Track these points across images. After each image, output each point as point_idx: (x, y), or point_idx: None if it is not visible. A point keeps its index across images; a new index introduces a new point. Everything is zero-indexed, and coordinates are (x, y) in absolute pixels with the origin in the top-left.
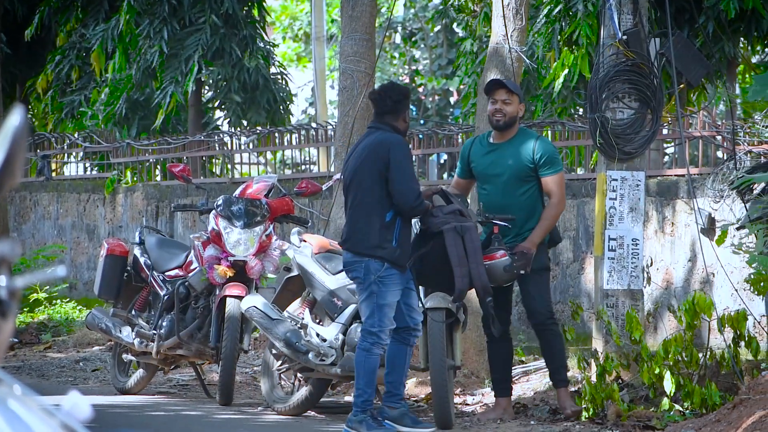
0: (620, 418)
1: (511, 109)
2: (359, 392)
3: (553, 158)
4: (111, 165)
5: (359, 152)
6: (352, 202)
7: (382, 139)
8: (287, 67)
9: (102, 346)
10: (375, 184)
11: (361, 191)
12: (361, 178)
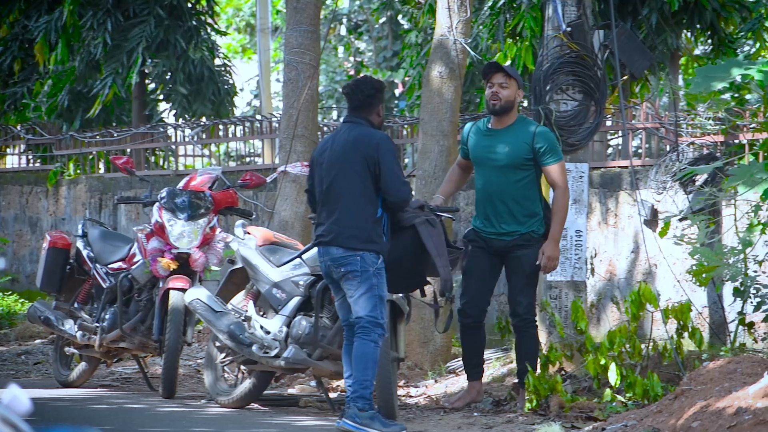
0: (563, 409)
1: (507, 93)
2: (367, 384)
3: (554, 147)
4: (54, 157)
5: (340, 147)
6: (337, 197)
7: (367, 135)
8: (232, 58)
9: (44, 339)
10: (363, 181)
11: (348, 187)
12: (347, 174)
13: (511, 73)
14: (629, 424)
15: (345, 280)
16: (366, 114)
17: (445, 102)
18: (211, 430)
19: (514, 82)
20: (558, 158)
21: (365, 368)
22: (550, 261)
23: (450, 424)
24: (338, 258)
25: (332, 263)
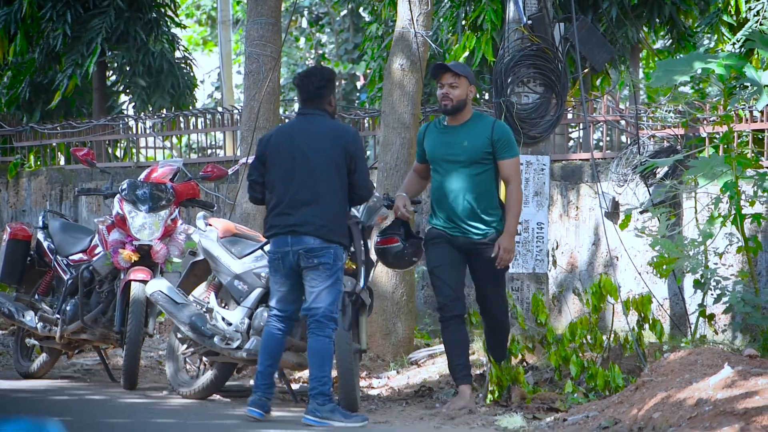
0: (525, 400)
1: (458, 93)
2: (325, 380)
3: (512, 141)
4: (14, 149)
5: (317, 139)
6: (317, 189)
7: (343, 129)
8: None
9: (4, 330)
10: (341, 174)
11: (329, 180)
12: (329, 166)
13: (460, 72)
14: (590, 414)
15: (312, 270)
16: (319, 104)
17: (406, 94)
18: (173, 421)
19: (464, 80)
20: (515, 153)
21: (322, 364)
22: (506, 253)
23: (412, 416)
24: (314, 249)
25: (305, 253)
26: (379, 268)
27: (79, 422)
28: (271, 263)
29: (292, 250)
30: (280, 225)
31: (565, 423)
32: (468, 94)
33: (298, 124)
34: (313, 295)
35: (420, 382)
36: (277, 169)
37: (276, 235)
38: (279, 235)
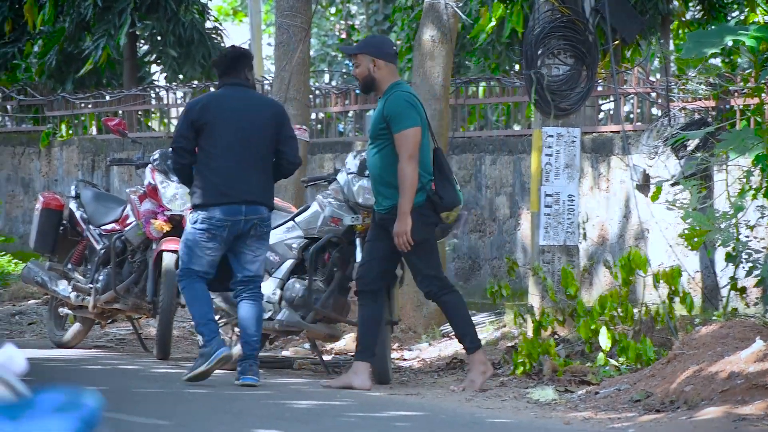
0: (556, 372)
1: (359, 70)
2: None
3: (397, 115)
4: (46, 118)
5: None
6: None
7: (270, 100)
8: (223, 21)
9: (38, 299)
10: (272, 144)
11: (263, 150)
12: (266, 137)
13: (356, 51)
14: (622, 387)
15: (258, 239)
16: (239, 75)
17: (437, 65)
18: (205, 391)
19: (363, 56)
20: (400, 127)
21: (260, 328)
22: (397, 237)
23: (444, 387)
24: (266, 218)
25: (259, 222)
26: None
27: (112, 391)
28: (211, 230)
29: (245, 218)
30: (232, 194)
31: (597, 395)
32: (370, 68)
33: (230, 94)
34: (257, 263)
35: (451, 354)
36: (219, 138)
37: (228, 204)
38: (232, 203)
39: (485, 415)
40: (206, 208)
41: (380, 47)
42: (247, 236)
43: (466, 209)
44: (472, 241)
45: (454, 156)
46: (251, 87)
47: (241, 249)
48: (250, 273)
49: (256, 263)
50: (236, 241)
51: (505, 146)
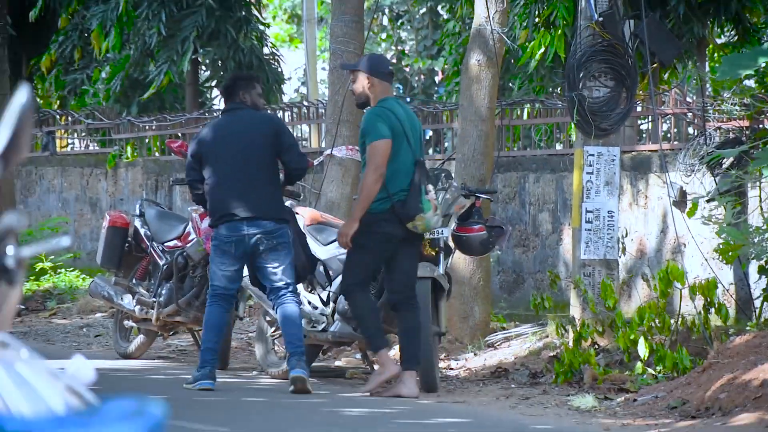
0: (596, 381)
1: (355, 86)
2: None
3: (367, 128)
4: (112, 141)
5: (241, 131)
6: (253, 176)
7: (258, 115)
8: (280, 47)
9: (104, 313)
10: (272, 158)
11: (263, 166)
12: (259, 153)
13: (354, 67)
14: (659, 395)
15: (272, 251)
16: (234, 98)
17: (483, 88)
18: (263, 400)
19: (359, 73)
20: (370, 139)
21: (301, 326)
22: (339, 237)
23: (489, 396)
24: (271, 230)
25: (264, 235)
26: (457, 254)
27: (174, 400)
28: (221, 246)
29: (248, 234)
30: (233, 212)
31: (635, 403)
32: (365, 85)
33: (224, 120)
34: (278, 273)
35: (496, 363)
36: (217, 163)
37: (229, 221)
38: (233, 221)
39: (528, 421)
40: (215, 227)
41: (377, 66)
42: (258, 251)
43: (510, 225)
44: (516, 256)
45: (499, 174)
46: (249, 107)
47: (259, 265)
48: (274, 284)
49: (277, 273)
50: (252, 259)
51: (548, 165)
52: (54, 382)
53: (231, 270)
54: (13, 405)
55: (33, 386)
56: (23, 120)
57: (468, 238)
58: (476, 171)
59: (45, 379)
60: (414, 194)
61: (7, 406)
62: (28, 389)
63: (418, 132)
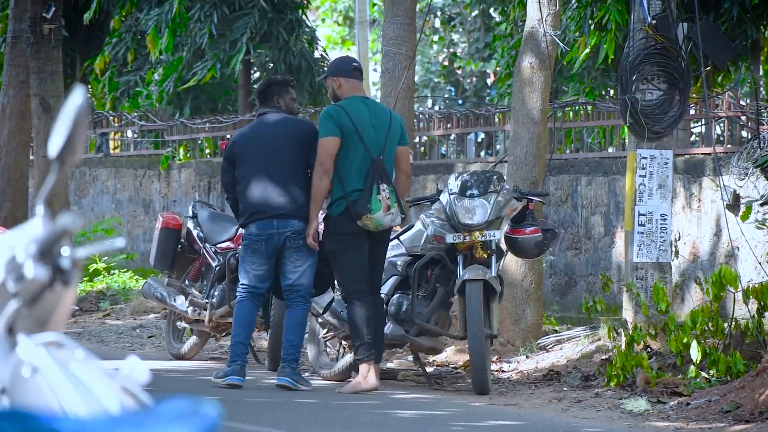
0: (649, 384)
1: (330, 92)
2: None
3: (319, 125)
4: (165, 142)
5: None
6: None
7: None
8: (332, 49)
9: (157, 313)
10: (303, 160)
11: (294, 167)
12: (292, 155)
13: (324, 76)
14: (713, 399)
15: (296, 251)
16: (269, 104)
17: (535, 91)
18: (315, 401)
19: (329, 79)
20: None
21: (301, 333)
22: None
23: (541, 398)
24: (300, 230)
25: (293, 234)
26: (509, 257)
27: (227, 401)
28: (251, 245)
29: (278, 232)
30: (264, 210)
31: (688, 406)
32: (335, 87)
33: (257, 123)
34: (297, 273)
35: (548, 366)
36: (249, 164)
37: (260, 219)
38: (264, 218)
39: (581, 424)
40: (246, 226)
41: (339, 66)
42: (284, 249)
43: (563, 228)
44: (569, 259)
45: (552, 177)
46: (284, 110)
47: (282, 262)
48: (289, 281)
49: (296, 273)
50: (279, 256)
51: (600, 168)
52: (109, 382)
53: (262, 269)
54: (68, 405)
55: (88, 386)
56: (78, 122)
57: (522, 241)
58: (528, 173)
59: (100, 380)
60: (365, 194)
61: (63, 406)
62: (83, 389)
63: (385, 131)
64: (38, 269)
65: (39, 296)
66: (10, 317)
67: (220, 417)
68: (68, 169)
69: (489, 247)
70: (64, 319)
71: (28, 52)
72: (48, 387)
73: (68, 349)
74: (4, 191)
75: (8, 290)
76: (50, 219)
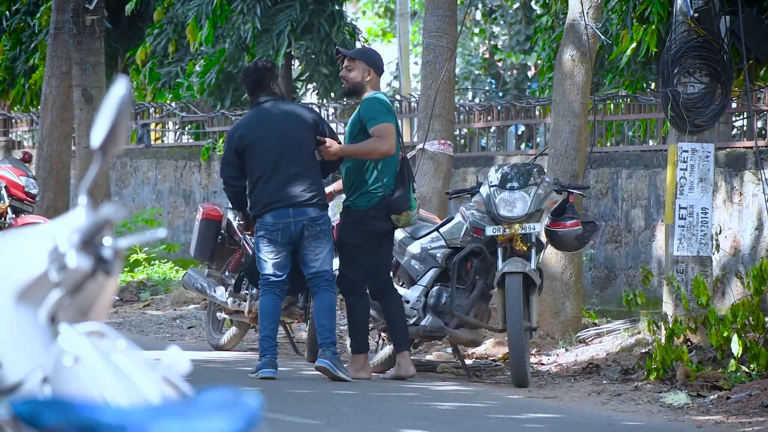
0: (689, 378)
1: (354, 75)
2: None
3: (374, 112)
4: (206, 133)
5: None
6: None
7: (300, 107)
8: (373, 41)
9: (197, 304)
10: (312, 147)
11: (305, 154)
12: (302, 142)
13: (355, 55)
14: (753, 393)
15: (315, 238)
16: (266, 91)
17: (576, 84)
18: (354, 393)
19: (360, 62)
20: (379, 120)
21: (333, 317)
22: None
23: (580, 392)
24: (316, 218)
25: (310, 222)
26: (549, 249)
27: (266, 392)
28: (267, 235)
29: (295, 221)
30: (279, 199)
31: (729, 401)
32: (365, 76)
33: (263, 111)
34: (319, 260)
35: (587, 359)
36: (261, 155)
37: (276, 209)
38: (280, 208)
39: (620, 418)
40: (261, 216)
41: (378, 61)
42: (302, 238)
43: (603, 220)
44: (608, 252)
45: (592, 170)
46: (281, 97)
47: (302, 251)
48: (312, 269)
49: (318, 260)
50: (296, 246)
51: (641, 161)
52: (149, 372)
53: (279, 257)
54: (109, 395)
55: (129, 376)
56: (121, 112)
57: (562, 234)
58: (569, 166)
59: (141, 370)
60: (405, 190)
61: (104, 396)
62: (124, 379)
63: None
64: (80, 259)
65: (81, 286)
66: (52, 307)
67: (261, 408)
68: (110, 160)
69: (529, 239)
70: (105, 309)
71: (71, 43)
72: (89, 376)
73: (110, 339)
74: (46, 182)
75: (51, 280)
76: (92, 209)
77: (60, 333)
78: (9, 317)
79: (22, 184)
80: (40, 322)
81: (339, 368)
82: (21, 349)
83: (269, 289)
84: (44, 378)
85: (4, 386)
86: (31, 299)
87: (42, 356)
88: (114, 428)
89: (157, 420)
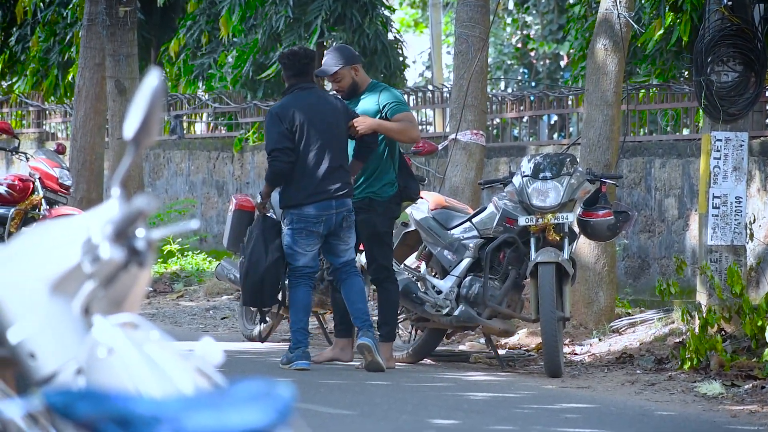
0: (723, 367)
1: (344, 82)
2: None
3: (399, 99)
4: (239, 125)
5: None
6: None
7: (333, 97)
8: (405, 32)
9: (230, 295)
10: (346, 140)
11: (343, 143)
12: (341, 133)
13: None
14: None
15: (349, 229)
16: (310, 78)
17: (609, 73)
18: (387, 383)
19: (342, 70)
20: (404, 108)
21: (365, 299)
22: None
23: (613, 381)
24: (351, 208)
25: (348, 213)
26: (582, 239)
27: (299, 383)
28: (307, 227)
29: (337, 212)
30: (325, 191)
31: (763, 390)
32: (353, 76)
33: (310, 97)
34: (350, 249)
35: (621, 349)
36: (309, 141)
37: (321, 200)
38: (324, 200)
39: (654, 407)
40: (300, 207)
41: (352, 54)
42: (340, 228)
43: (636, 210)
44: (642, 241)
45: (625, 159)
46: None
47: (334, 241)
48: (342, 259)
49: (349, 249)
50: (330, 235)
51: (674, 150)
52: (183, 363)
53: (315, 248)
54: (143, 386)
55: (163, 367)
56: (154, 104)
57: (594, 223)
58: (602, 156)
59: (174, 361)
60: (412, 178)
61: (138, 387)
62: (157, 370)
63: None
64: (114, 250)
65: (114, 277)
66: (86, 298)
67: (294, 398)
68: (143, 151)
69: (562, 229)
70: (138, 300)
71: (104, 34)
72: (123, 368)
73: (143, 330)
74: (79, 173)
75: (84, 271)
76: (126, 201)
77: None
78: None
79: (56, 175)
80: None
81: (379, 351)
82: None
83: (302, 282)
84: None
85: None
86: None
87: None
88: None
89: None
